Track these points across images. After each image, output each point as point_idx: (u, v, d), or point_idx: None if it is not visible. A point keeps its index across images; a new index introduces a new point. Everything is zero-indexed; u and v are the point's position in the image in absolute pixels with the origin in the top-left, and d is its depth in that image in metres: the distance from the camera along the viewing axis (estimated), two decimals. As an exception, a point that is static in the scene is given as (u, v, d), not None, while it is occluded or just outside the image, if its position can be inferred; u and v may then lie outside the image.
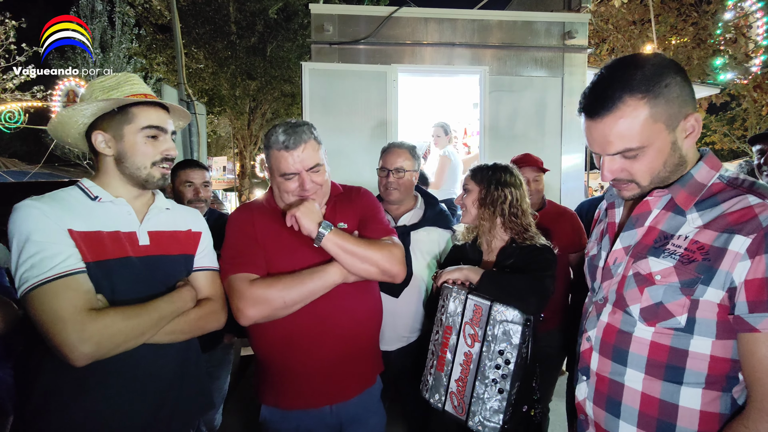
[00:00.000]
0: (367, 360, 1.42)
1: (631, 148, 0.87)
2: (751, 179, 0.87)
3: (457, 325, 1.34)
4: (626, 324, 0.93)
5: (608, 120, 0.87)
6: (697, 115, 0.88)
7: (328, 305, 1.28)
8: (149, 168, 1.13)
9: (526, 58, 3.80)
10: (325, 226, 1.23)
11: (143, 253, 1.13)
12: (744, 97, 10.14)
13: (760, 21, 8.23)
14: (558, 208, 2.30)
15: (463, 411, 1.28)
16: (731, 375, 0.84)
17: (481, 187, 1.57)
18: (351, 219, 1.39)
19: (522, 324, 1.24)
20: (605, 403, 0.97)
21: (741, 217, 0.80)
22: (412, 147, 1.92)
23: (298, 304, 1.22)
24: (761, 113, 10.11)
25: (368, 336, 1.42)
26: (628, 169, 0.91)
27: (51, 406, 1.01)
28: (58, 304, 0.93)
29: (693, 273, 0.83)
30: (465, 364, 1.30)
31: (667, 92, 0.84)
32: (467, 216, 1.62)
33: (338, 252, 1.23)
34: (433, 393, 1.37)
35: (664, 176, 0.91)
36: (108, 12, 16.42)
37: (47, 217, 0.99)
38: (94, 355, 0.94)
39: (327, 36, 3.66)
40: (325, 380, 1.31)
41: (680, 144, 0.88)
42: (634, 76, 0.84)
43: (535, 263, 1.45)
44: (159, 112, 1.16)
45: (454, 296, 1.37)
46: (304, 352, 1.28)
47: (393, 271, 1.28)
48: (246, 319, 1.20)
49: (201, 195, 2.15)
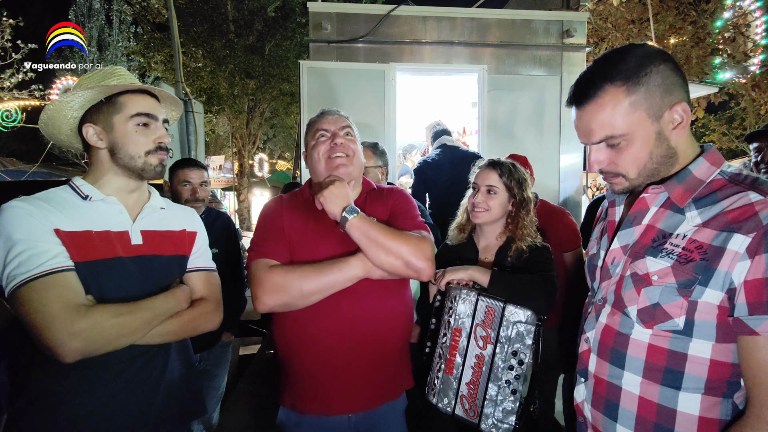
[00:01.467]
0: (393, 369, 1.33)
1: (612, 135, 0.87)
2: (754, 175, 0.84)
3: (468, 327, 1.30)
4: (624, 326, 0.92)
5: (590, 108, 0.89)
6: (685, 105, 0.86)
7: (351, 303, 1.23)
8: (144, 156, 1.11)
9: (524, 56, 3.80)
10: (351, 210, 1.18)
11: (135, 253, 1.11)
12: (743, 96, 10.14)
13: (759, 20, 8.24)
14: (550, 206, 2.31)
15: (475, 414, 1.25)
16: (732, 380, 0.81)
17: (513, 190, 1.53)
18: (381, 214, 1.35)
19: (535, 324, 1.23)
20: (603, 406, 0.95)
21: (741, 214, 0.77)
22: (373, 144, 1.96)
23: (316, 294, 1.17)
24: (760, 112, 10.12)
25: (394, 343, 1.32)
26: (614, 161, 0.91)
27: (39, 405, 0.99)
28: (47, 300, 0.92)
29: (690, 273, 0.80)
30: (477, 367, 1.27)
31: (647, 80, 0.84)
32: (487, 216, 1.53)
33: (362, 239, 1.17)
34: (442, 397, 1.32)
35: (653, 168, 0.89)
36: (105, 10, 16.37)
37: (33, 217, 0.98)
38: (83, 352, 0.93)
39: (325, 34, 3.65)
40: (343, 386, 1.24)
41: (667, 135, 0.87)
42: (616, 65, 0.86)
43: (537, 263, 1.44)
44: (148, 99, 1.14)
45: (464, 298, 1.32)
46: (323, 353, 1.23)
47: (419, 265, 1.19)
48: (262, 305, 1.16)
49: (198, 195, 2.13)
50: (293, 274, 1.17)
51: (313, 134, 1.36)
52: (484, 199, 1.54)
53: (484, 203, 1.53)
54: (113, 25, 16.43)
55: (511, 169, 1.55)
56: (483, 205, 1.53)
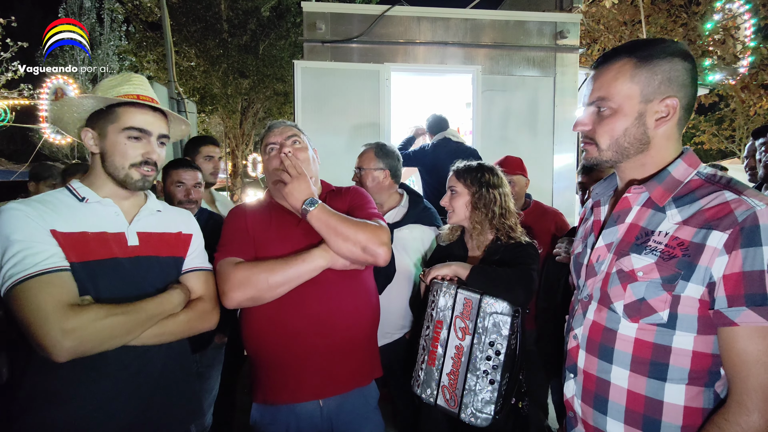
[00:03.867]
0: (359, 355, 1.38)
1: (604, 97, 0.93)
2: (728, 176, 0.89)
3: (448, 319, 1.36)
4: (611, 321, 0.95)
5: (600, 70, 0.95)
6: (676, 102, 0.90)
7: (316, 293, 1.28)
8: (127, 169, 1.13)
9: (518, 57, 3.82)
10: (311, 202, 1.26)
11: (132, 254, 1.13)
12: (732, 97, 10.29)
13: (748, 23, 8.35)
14: (542, 207, 2.33)
15: (456, 404, 1.30)
16: (713, 370, 0.86)
17: (471, 189, 1.58)
18: (341, 209, 1.39)
19: (511, 315, 1.28)
20: (593, 400, 0.98)
21: (718, 212, 0.82)
22: (377, 145, 1.96)
23: (283, 286, 1.22)
24: (749, 114, 10.27)
25: (360, 330, 1.38)
26: (595, 126, 0.97)
27: (36, 406, 0.99)
28: (41, 299, 0.93)
29: (674, 269, 0.84)
30: (456, 357, 1.32)
31: (657, 63, 0.89)
32: (455, 217, 1.63)
33: (322, 228, 1.25)
34: (425, 388, 1.38)
35: (622, 147, 0.94)
36: (96, 9, 16.20)
37: (30, 219, 1.00)
38: (75, 351, 0.93)
39: (319, 34, 3.64)
40: (313, 371, 1.28)
41: (648, 121, 0.92)
42: (641, 46, 0.92)
43: (519, 258, 1.49)
44: (146, 114, 1.15)
45: (444, 291, 1.39)
46: (291, 340, 1.27)
47: (376, 250, 1.25)
48: (230, 300, 1.20)
49: (192, 196, 2.10)
50: (259, 268, 1.22)
51: (264, 150, 1.44)
52: (448, 201, 1.63)
53: (449, 204, 1.63)
54: (104, 23, 16.26)
55: (472, 170, 1.61)
56: (448, 206, 1.63)
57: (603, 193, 1.11)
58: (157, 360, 1.12)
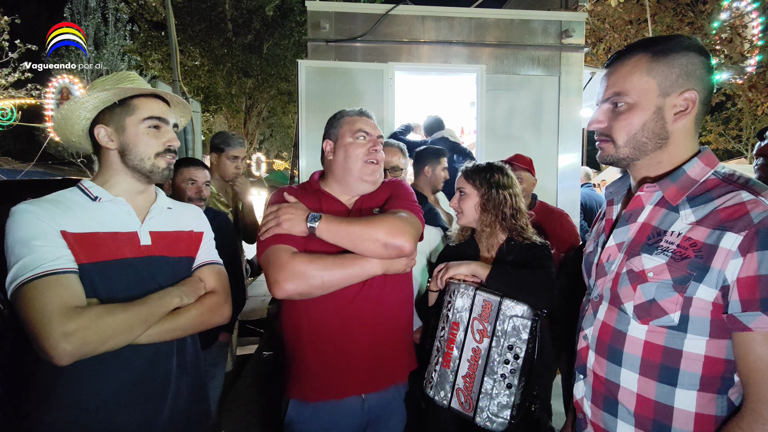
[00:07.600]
0: (401, 350, 1.39)
1: (620, 93, 0.91)
2: (746, 176, 0.86)
3: (465, 321, 1.33)
4: (621, 322, 0.93)
5: (614, 67, 0.94)
6: (695, 95, 0.88)
7: (362, 291, 1.28)
8: (153, 158, 1.14)
9: (523, 56, 3.80)
10: (313, 218, 1.21)
11: (145, 254, 1.12)
12: (739, 97, 10.19)
13: (756, 21, 8.27)
14: (547, 207, 2.32)
15: (471, 407, 1.27)
16: (726, 376, 0.83)
17: (481, 190, 1.55)
18: (379, 202, 1.42)
19: (531, 319, 1.25)
20: (603, 402, 0.96)
21: (733, 213, 0.79)
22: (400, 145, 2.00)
23: (335, 286, 1.21)
24: (756, 113, 10.17)
25: (402, 325, 1.40)
26: (611, 123, 0.94)
27: (46, 406, 0.99)
28: (45, 300, 0.93)
29: (685, 270, 0.82)
30: (473, 360, 1.30)
31: (673, 56, 0.88)
32: (464, 219, 1.60)
33: (337, 239, 1.21)
34: (438, 390, 1.35)
35: (641, 141, 0.92)
36: (102, 8, 16.27)
37: (40, 220, 0.99)
38: (76, 354, 0.92)
39: (323, 33, 3.64)
40: (358, 368, 1.29)
41: (666, 116, 0.89)
42: (655, 42, 0.91)
43: (536, 260, 1.46)
44: (160, 103, 1.17)
45: (462, 292, 1.36)
46: (338, 338, 1.27)
47: (395, 243, 1.20)
48: (283, 291, 1.16)
49: (203, 194, 2.18)
50: (316, 265, 1.18)
51: (352, 132, 1.37)
52: (457, 202, 1.60)
53: (458, 206, 1.60)
54: (109, 23, 16.33)
55: (481, 170, 1.58)
56: (457, 207, 1.60)
57: (616, 192, 1.09)
58: (165, 363, 1.11)
